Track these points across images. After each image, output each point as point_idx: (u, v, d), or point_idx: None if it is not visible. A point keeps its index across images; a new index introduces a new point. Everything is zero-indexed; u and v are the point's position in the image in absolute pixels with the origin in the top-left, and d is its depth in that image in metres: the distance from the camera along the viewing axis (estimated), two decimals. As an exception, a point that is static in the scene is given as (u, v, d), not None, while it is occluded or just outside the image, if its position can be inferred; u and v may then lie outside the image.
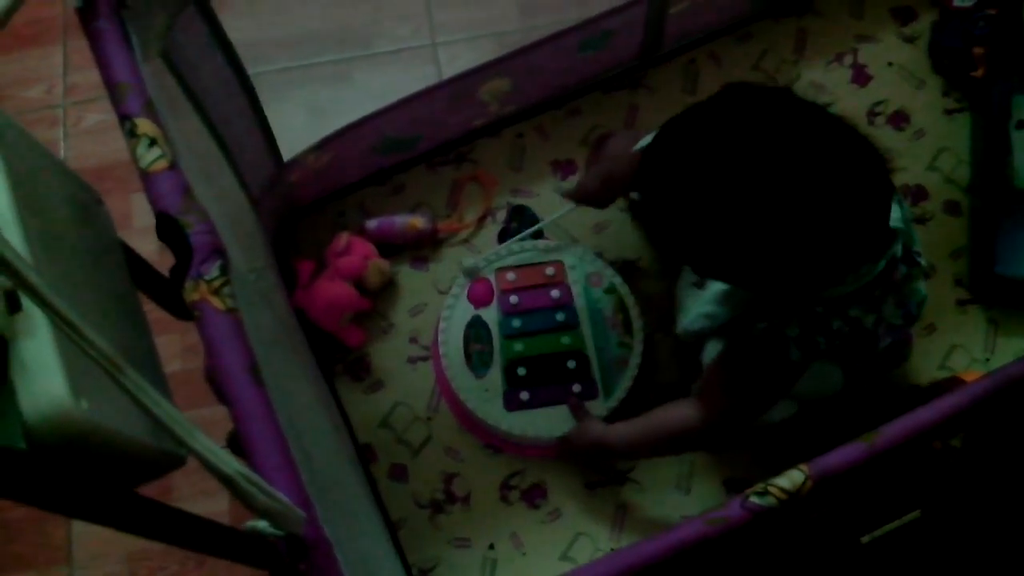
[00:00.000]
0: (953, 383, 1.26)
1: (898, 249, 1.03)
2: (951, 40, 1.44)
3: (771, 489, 0.76)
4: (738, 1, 1.46)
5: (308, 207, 1.41)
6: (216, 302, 0.76)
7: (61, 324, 0.58)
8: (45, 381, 0.66)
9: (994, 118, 1.38)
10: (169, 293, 1.17)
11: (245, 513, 1.43)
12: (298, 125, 1.43)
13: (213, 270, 0.77)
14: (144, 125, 0.81)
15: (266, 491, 0.64)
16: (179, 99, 1.04)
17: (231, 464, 0.63)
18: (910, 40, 1.51)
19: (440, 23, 1.70)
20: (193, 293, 0.76)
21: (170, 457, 0.81)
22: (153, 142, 0.81)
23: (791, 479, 0.77)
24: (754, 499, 0.75)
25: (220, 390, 0.79)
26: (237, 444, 0.75)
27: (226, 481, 0.63)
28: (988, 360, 1.34)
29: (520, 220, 1.39)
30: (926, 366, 1.34)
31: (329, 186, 1.41)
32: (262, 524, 0.66)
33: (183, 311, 1.15)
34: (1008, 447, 1.21)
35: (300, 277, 1.33)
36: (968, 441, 1.10)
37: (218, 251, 0.78)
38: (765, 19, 1.51)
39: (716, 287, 1.19)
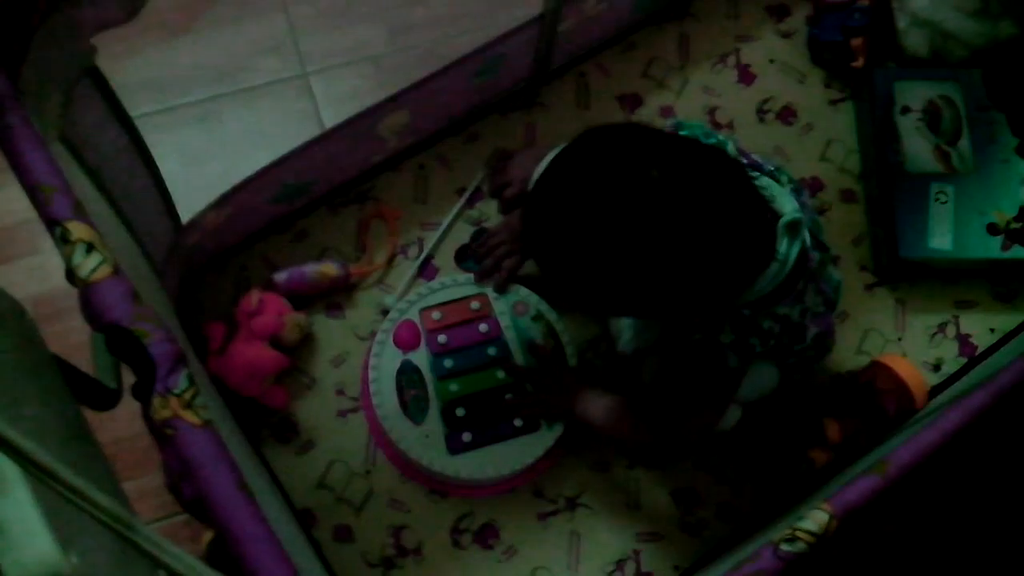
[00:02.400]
0: (876, 368, 1.30)
1: (806, 237, 1.04)
2: (830, 34, 1.47)
3: (799, 534, 0.75)
4: (620, 12, 1.45)
5: (207, 265, 1.34)
6: (191, 417, 0.70)
7: (64, 491, 0.52)
8: (31, 543, 0.59)
9: (879, 106, 1.42)
10: (86, 385, 1.08)
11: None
12: (171, 173, 1.34)
13: (181, 381, 0.71)
14: (78, 229, 0.74)
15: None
16: (72, 167, 0.96)
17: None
18: (787, 36, 1.54)
19: (308, 52, 1.63)
20: (163, 410, 0.70)
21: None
22: (91, 247, 0.74)
23: (816, 520, 0.76)
24: (785, 547, 0.75)
25: (188, 498, 0.74)
26: (217, 556, 0.71)
27: (255, 625, 0.58)
28: (900, 339, 1.39)
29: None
30: (843, 353, 1.37)
31: (227, 241, 1.33)
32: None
33: (101, 403, 1.07)
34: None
35: (212, 342, 1.26)
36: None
37: (182, 359, 0.72)
38: (647, 27, 1.52)
39: None
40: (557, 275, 0.97)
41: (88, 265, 0.74)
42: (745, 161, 1.06)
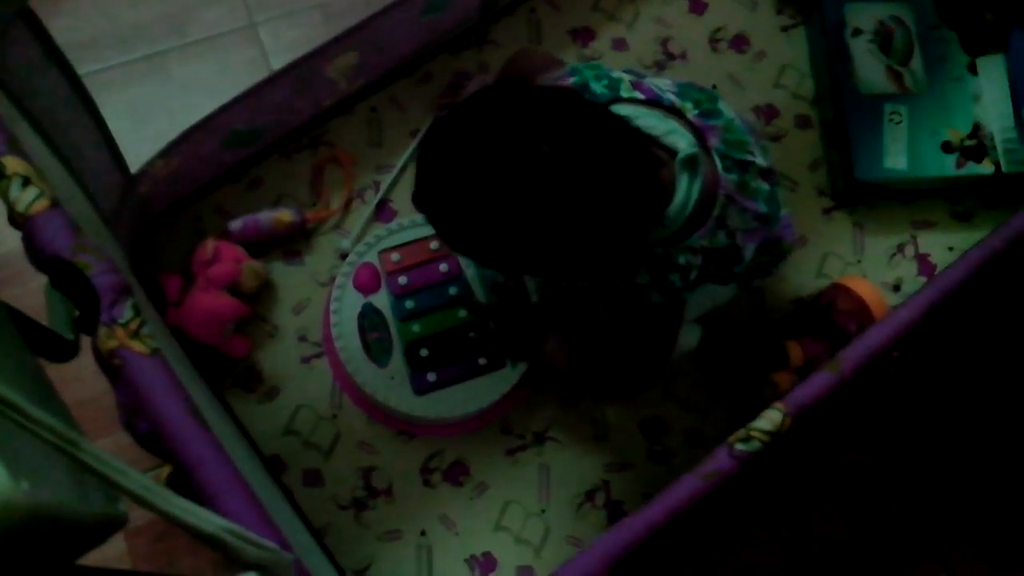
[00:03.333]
0: (836, 290, 1.31)
1: (716, 165, 1.02)
2: (778, -41, 1.47)
3: (754, 434, 0.76)
4: (569, -56, 1.44)
5: (161, 217, 1.32)
6: (138, 346, 0.69)
7: (3, 408, 0.52)
8: (-23, 471, 0.58)
9: (830, 29, 1.42)
10: (41, 336, 1.07)
11: (144, 551, 1.35)
12: (121, 130, 1.33)
13: (126, 311, 0.70)
14: (13, 163, 0.73)
15: (255, 542, 0.59)
16: (17, 122, 0.95)
17: (214, 522, 0.58)
18: (737, -37, 1.53)
19: (254, 1, 1.61)
20: (109, 341, 0.69)
21: (111, 519, 0.74)
22: (27, 181, 0.73)
23: (770, 420, 0.77)
24: (740, 446, 0.75)
25: (142, 432, 0.73)
26: (178, 488, 0.70)
27: (210, 540, 0.58)
28: (859, 262, 1.40)
29: None
30: (804, 277, 1.38)
31: (180, 192, 1.32)
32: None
33: (58, 354, 1.06)
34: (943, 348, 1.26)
35: (169, 294, 1.25)
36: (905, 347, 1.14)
37: (126, 290, 0.71)
38: (595, -41, 1.51)
39: None
40: (453, 244, 0.96)
41: (25, 199, 0.72)
42: (642, 96, 1.03)
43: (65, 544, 0.70)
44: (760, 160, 1.07)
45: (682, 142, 0.98)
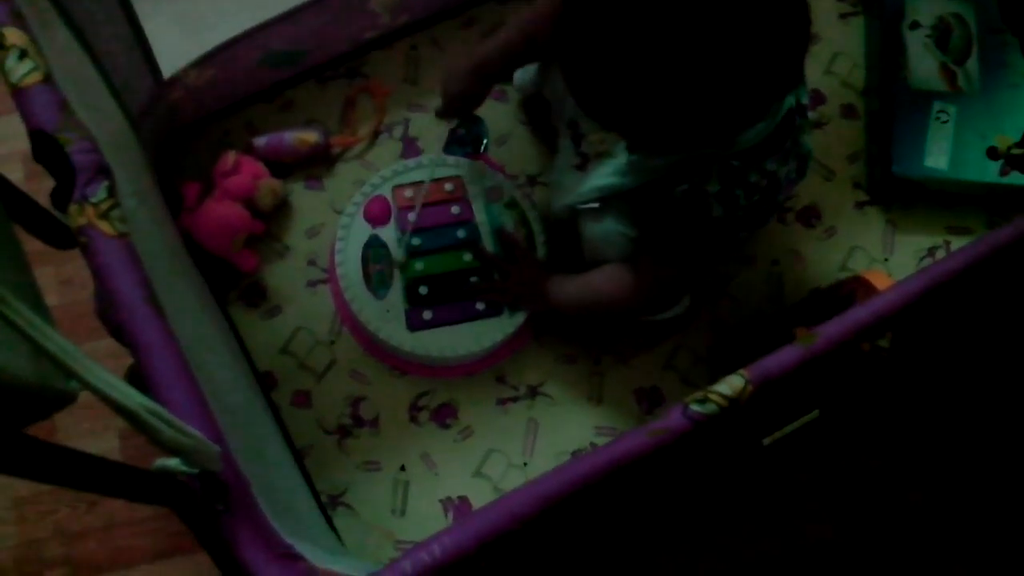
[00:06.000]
0: (857, 283, 1.27)
1: (802, 96, 1.05)
2: (845, -58, 1.43)
3: (711, 396, 0.74)
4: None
5: (191, 127, 1.33)
6: (105, 227, 0.70)
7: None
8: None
9: (888, 20, 1.38)
10: (44, 221, 1.09)
11: (136, 452, 1.37)
12: (171, 38, 1.33)
13: (99, 191, 0.71)
14: (13, 35, 0.74)
15: (176, 425, 0.60)
16: (50, 16, 0.96)
17: (134, 397, 0.58)
18: (804, -58, 1.49)
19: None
20: (79, 217, 0.70)
21: (59, 394, 0.75)
22: (24, 53, 0.74)
23: (731, 385, 0.75)
24: (695, 407, 0.74)
25: (114, 322, 0.74)
26: (139, 381, 0.71)
27: (129, 416, 0.58)
28: (887, 260, 1.36)
29: (469, 128, 1.32)
30: (827, 268, 1.35)
31: (213, 104, 1.33)
32: (173, 462, 0.62)
33: (60, 240, 1.08)
34: (935, 345, 1.23)
35: (186, 200, 1.26)
36: (897, 342, 1.12)
37: (103, 170, 0.72)
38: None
39: (615, 162, 1.17)
40: (588, 68, 0.93)
41: (19, 71, 0.74)
42: None
43: (9, 411, 0.71)
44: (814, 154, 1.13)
45: None
